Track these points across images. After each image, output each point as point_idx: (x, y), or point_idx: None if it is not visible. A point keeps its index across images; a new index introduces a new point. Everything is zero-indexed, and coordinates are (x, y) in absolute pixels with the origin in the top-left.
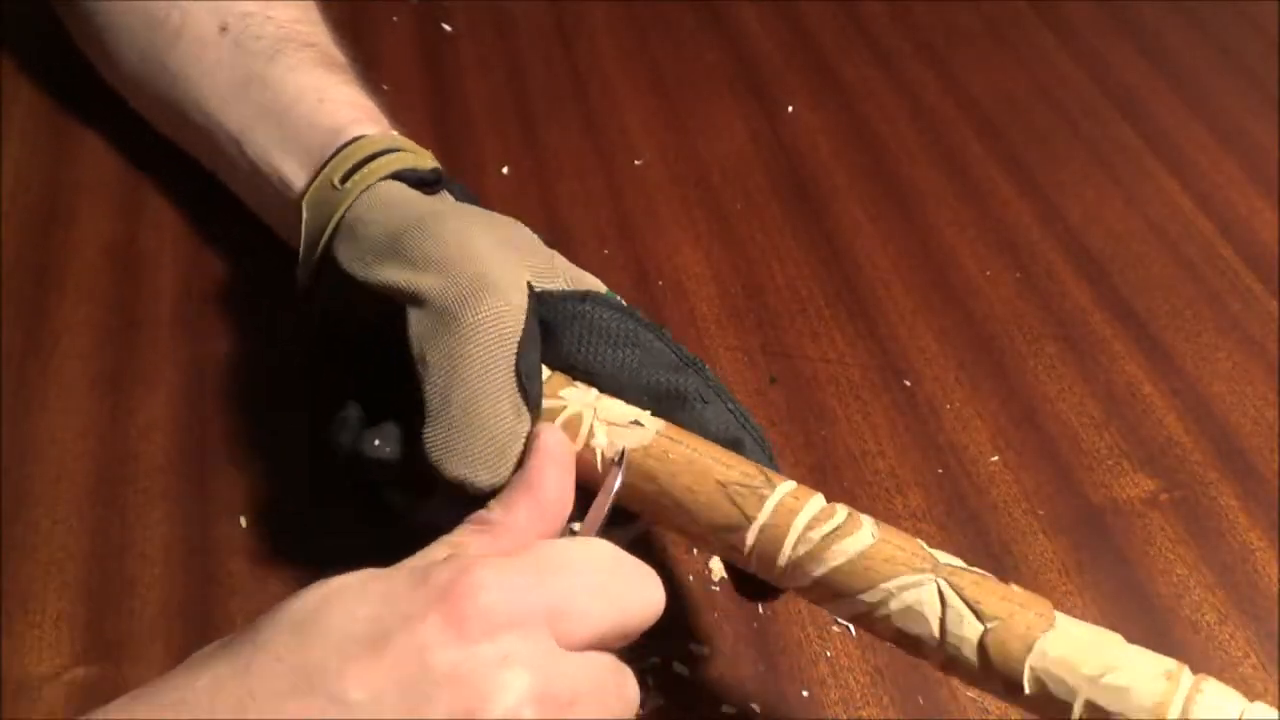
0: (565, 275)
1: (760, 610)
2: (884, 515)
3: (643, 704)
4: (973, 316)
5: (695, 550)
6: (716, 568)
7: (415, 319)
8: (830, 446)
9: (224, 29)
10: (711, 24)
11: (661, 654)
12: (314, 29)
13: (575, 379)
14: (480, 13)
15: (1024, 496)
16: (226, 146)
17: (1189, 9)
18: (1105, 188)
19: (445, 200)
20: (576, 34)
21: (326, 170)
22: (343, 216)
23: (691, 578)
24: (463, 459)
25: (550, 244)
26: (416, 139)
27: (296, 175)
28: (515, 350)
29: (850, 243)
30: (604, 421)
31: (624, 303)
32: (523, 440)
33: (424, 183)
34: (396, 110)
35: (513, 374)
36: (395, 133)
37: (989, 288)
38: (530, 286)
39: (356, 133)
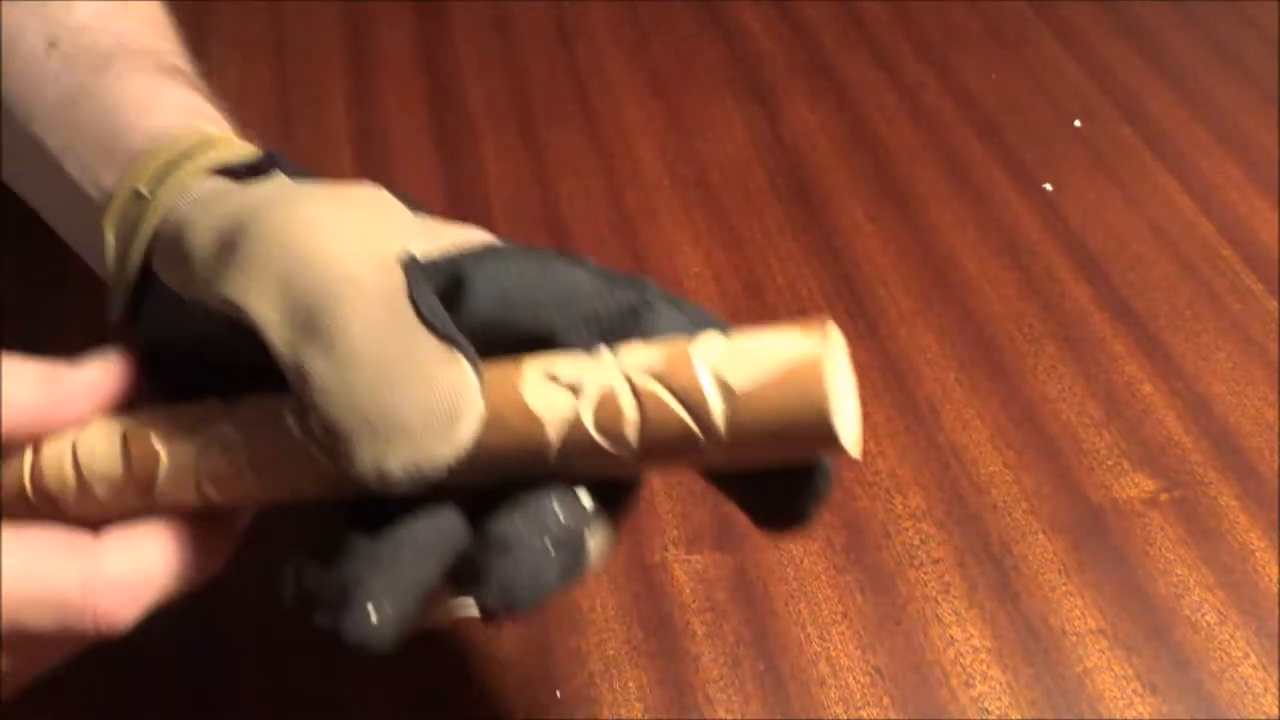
0: (448, 237)
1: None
2: (884, 515)
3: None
4: (973, 316)
5: (693, 549)
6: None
7: (275, 335)
8: None
9: (54, 44)
10: (711, 24)
11: (659, 654)
12: (157, 39)
13: (499, 334)
14: (480, 13)
15: (1024, 496)
16: (46, 171)
17: (1189, 9)
18: (1105, 188)
19: (279, 184)
20: (576, 34)
21: (130, 177)
22: (158, 229)
23: (688, 577)
24: (405, 446)
25: (548, 243)
26: (416, 139)
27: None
28: (407, 303)
29: (850, 243)
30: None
31: (528, 245)
32: (475, 391)
33: (255, 171)
34: (396, 110)
35: (417, 324)
36: (213, 127)
37: (989, 288)
38: (409, 254)
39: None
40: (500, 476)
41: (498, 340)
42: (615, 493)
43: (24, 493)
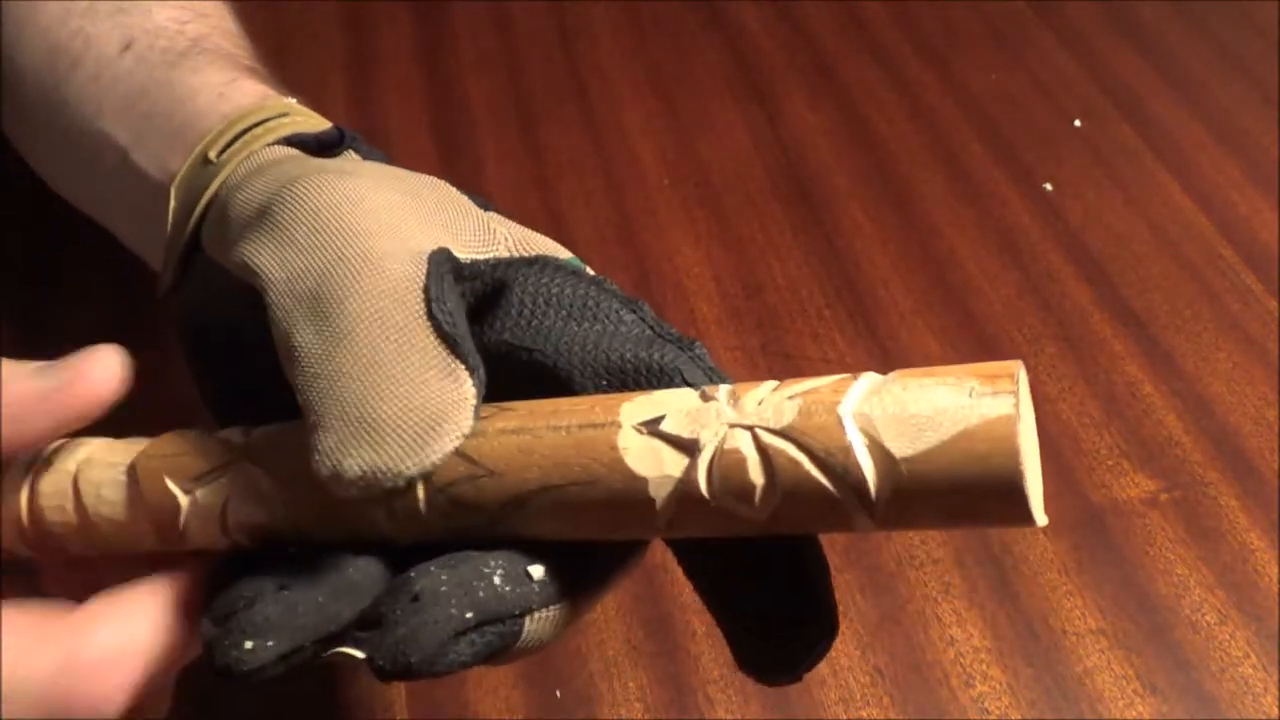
0: (508, 241)
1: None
2: None
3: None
4: (973, 316)
5: None
6: None
7: (277, 306)
8: None
9: (128, 46)
10: (711, 24)
11: (659, 654)
12: (231, 43)
13: (519, 359)
14: (480, 12)
15: None
16: (109, 164)
17: (1189, 9)
18: (1105, 188)
19: (344, 160)
20: (576, 34)
21: (201, 147)
22: (216, 193)
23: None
24: (369, 446)
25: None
26: (416, 139)
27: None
28: (420, 300)
29: (850, 243)
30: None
31: (588, 269)
32: (466, 406)
33: (324, 146)
34: (396, 110)
35: (424, 324)
36: (294, 100)
37: (989, 288)
38: (446, 251)
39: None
40: (598, 534)
41: (519, 364)
42: (601, 564)
43: (20, 525)
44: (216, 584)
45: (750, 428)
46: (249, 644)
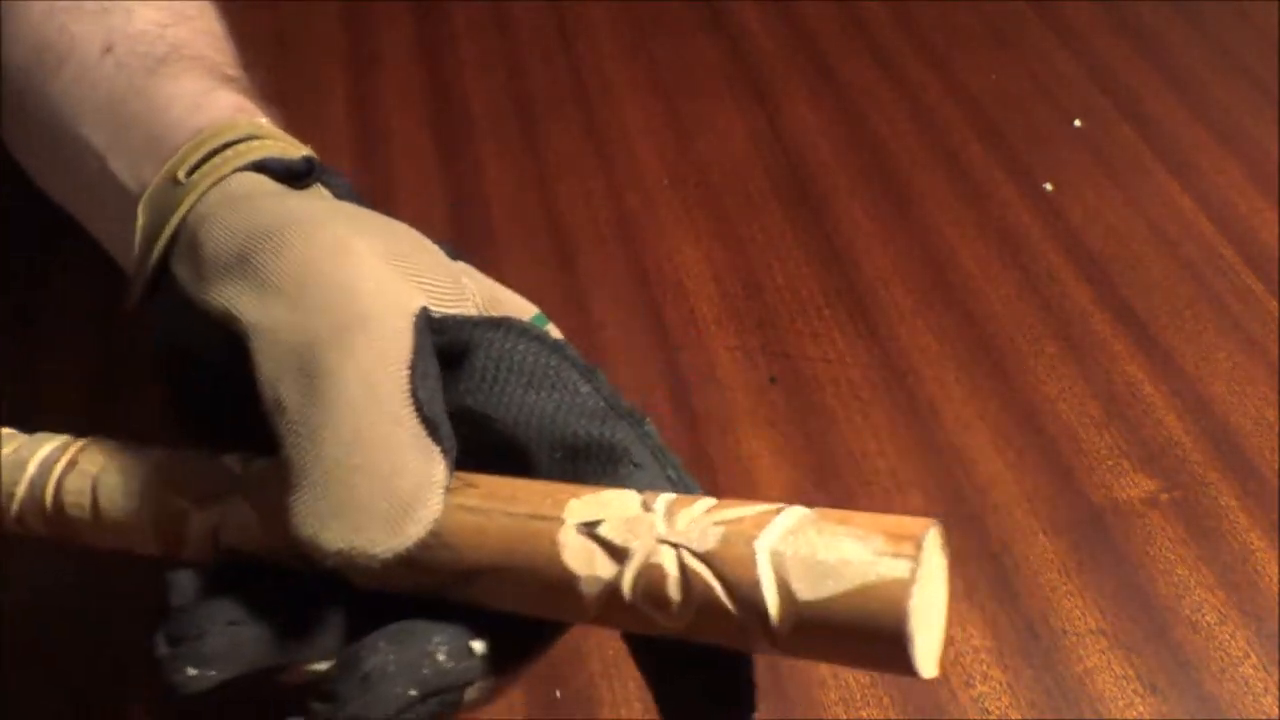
0: (478, 298)
1: None
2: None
3: None
4: (973, 316)
5: None
6: None
7: (264, 357)
8: (830, 446)
9: (109, 50)
10: (711, 24)
11: None
12: (213, 51)
13: (477, 422)
14: (480, 13)
15: (1024, 496)
16: (89, 170)
17: (1189, 9)
18: (1105, 188)
19: (318, 198)
20: (576, 34)
21: (170, 164)
22: (184, 218)
23: None
24: (349, 523)
25: (547, 243)
26: (416, 139)
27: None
28: (406, 375)
29: (850, 243)
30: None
31: (554, 335)
32: (439, 491)
33: (294, 175)
34: (396, 110)
35: (408, 401)
36: (266, 121)
37: (989, 288)
38: (425, 311)
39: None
40: (536, 613)
41: (477, 427)
42: (537, 638)
43: (44, 511)
44: (183, 590)
45: (676, 546)
46: (192, 671)
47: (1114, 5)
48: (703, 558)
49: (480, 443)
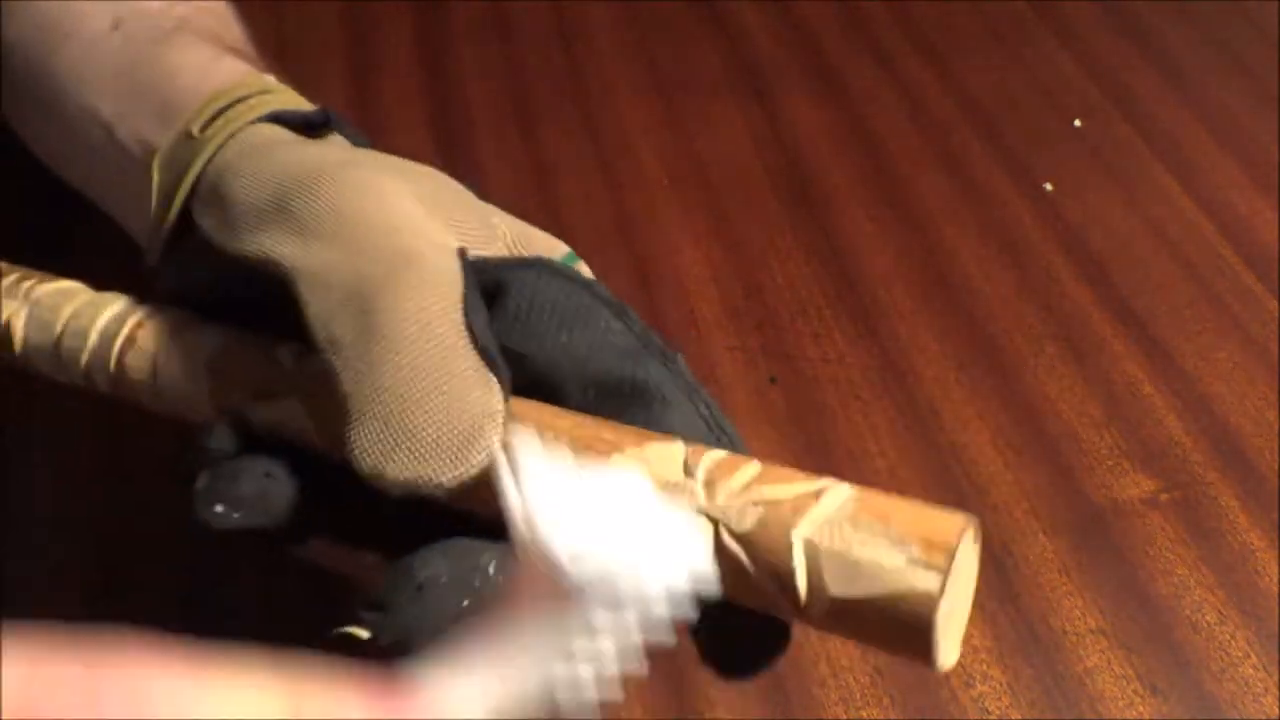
0: (508, 238)
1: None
2: None
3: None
4: (973, 316)
5: None
6: None
7: (314, 300)
8: (830, 446)
9: (117, 25)
10: (711, 24)
11: (659, 653)
12: (220, 25)
13: (511, 361)
14: (480, 13)
15: (1024, 496)
16: (96, 139)
17: (1189, 9)
18: (1105, 188)
19: (338, 146)
20: (576, 34)
21: (184, 120)
22: (203, 171)
23: None
24: (413, 453)
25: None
26: (416, 139)
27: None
28: (460, 308)
29: (850, 242)
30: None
31: (586, 274)
32: (499, 419)
33: (309, 125)
34: (396, 110)
35: (463, 334)
36: (274, 79)
37: (989, 288)
38: (463, 250)
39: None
40: None
41: (512, 365)
42: None
43: (109, 375)
44: (223, 441)
45: (715, 521)
46: (219, 509)
47: (1114, 5)
48: (740, 538)
49: (514, 381)
